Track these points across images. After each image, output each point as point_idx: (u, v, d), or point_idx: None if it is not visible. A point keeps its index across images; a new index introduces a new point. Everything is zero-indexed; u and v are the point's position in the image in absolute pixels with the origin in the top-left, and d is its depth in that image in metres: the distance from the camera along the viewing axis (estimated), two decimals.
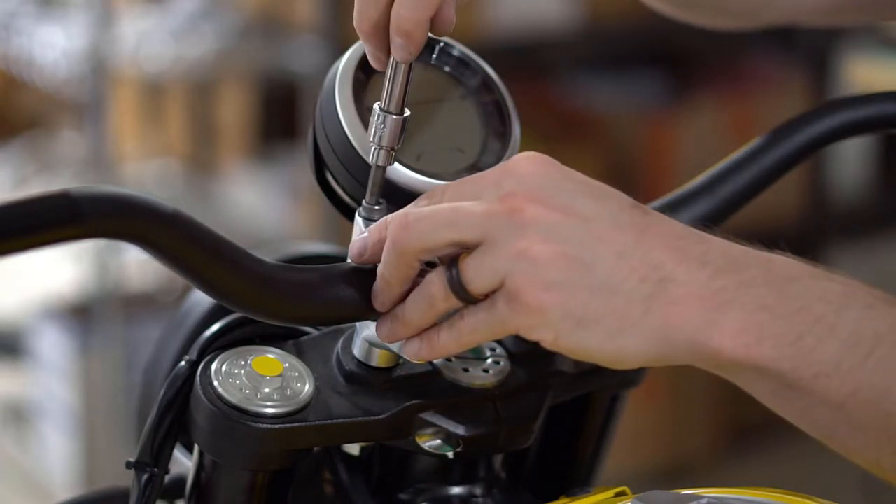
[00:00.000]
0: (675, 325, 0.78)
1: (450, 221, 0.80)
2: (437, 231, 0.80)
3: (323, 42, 3.00)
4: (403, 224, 0.81)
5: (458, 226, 0.80)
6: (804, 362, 0.78)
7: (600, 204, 0.80)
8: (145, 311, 3.17)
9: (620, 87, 3.41)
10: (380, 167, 0.87)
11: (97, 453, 3.10)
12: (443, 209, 0.80)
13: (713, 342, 0.78)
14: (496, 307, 0.80)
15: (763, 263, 0.80)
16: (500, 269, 0.79)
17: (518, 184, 0.80)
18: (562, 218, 0.79)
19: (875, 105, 0.98)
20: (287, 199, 3.36)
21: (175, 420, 0.88)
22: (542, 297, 0.78)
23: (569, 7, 3.26)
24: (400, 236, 0.81)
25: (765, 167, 0.98)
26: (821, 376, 0.78)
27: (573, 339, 0.79)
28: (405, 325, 0.84)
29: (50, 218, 0.76)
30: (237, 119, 3.78)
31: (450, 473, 0.94)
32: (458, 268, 0.80)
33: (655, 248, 0.79)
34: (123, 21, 3.22)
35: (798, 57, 3.51)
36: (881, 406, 0.78)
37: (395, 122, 0.86)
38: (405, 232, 0.81)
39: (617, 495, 0.89)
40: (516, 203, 0.79)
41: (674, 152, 3.32)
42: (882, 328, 0.78)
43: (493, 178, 0.81)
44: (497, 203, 0.79)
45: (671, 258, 0.79)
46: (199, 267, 0.81)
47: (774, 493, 0.84)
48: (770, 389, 0.80)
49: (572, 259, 0.78)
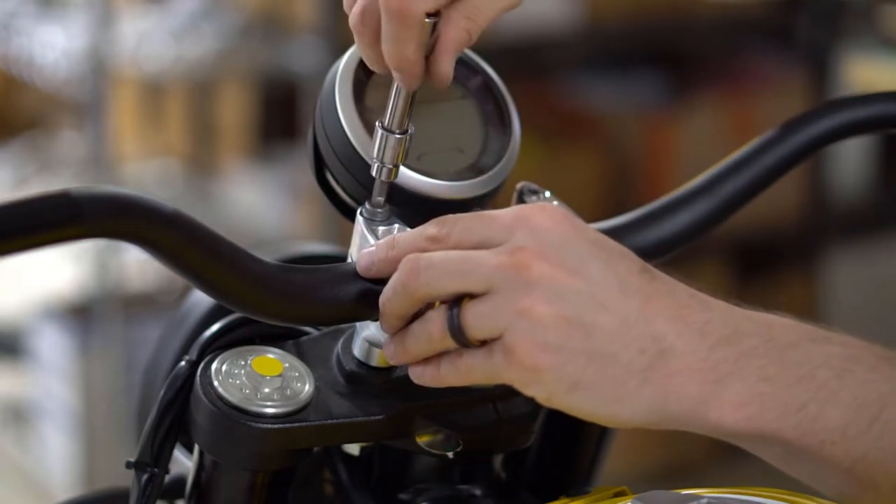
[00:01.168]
0: (673, 397, 0.78)
1: (459, 272, 0.80)
2: (446, 280, 0.80)
3: (323, 42, 3.00)
4: (415, 269, 0.81)
5: (466, 277, 0.80)
6: (809, 430, 0.77)
7: (609, 268, 0.79)
8: (145, 311, 3.17)
9: (620, 87, 3.41)
10: (383, 182, 0.87)
11: (97, 453, 3.10)
12: (453, 259, 0.80)
13: (713, 415, 0.78)
14: (493, 357, 0.80)
15: (763, 331, 0.80)
16: (500, 322, 0.79)
17: (530, 237, 0.79)
18: (568, 280, 0.78)
19: (875, 105, 0.98)
20: (287, 199, 3.36)
21: (175, 420, 0.88)
22: (538, 357, 0.78)
23: (569, 7, 3.26)
24: (409, 280, 0.81)
25: (765, 167, 0.98)
26: (827, 443, 0.77)
27: (566, 401, 0.79)
28: (406, 352, 0.84)
29: (50, 218, 0.76)
30: (237, 119, 3.78)
31: (450, 473, 0.94)
32: (460, 311, 0.80)
33: (658, 319, 0.79)
34: (123, 21, 3.22)
35: (798, 57, 3.51)
36: (891, 466, 0.77)
37: (398, 140, 0.86)
38: (415, 277, 0.81)
39: (617, 495, 0.89)
40: (525, 259, 0.79)
41: (674, 152, 3.31)
42: (886, 389, 0.78)
43: (506, 224, 0.81)
44: (506, 256, 0.79)
45: (672, 329, 0.78)
46: (199, 267, 0.81)
47: (774, 493, 0.84)
48: (777, 455, 0.79)
49: (573, 323, 0.78)
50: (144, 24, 3.33)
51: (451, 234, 0.82)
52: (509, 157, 0.91)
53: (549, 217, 0.81)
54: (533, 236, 0.79)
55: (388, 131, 0.86)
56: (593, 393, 0.78)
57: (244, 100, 3.76)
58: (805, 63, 3.48)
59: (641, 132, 3.36)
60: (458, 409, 0.89)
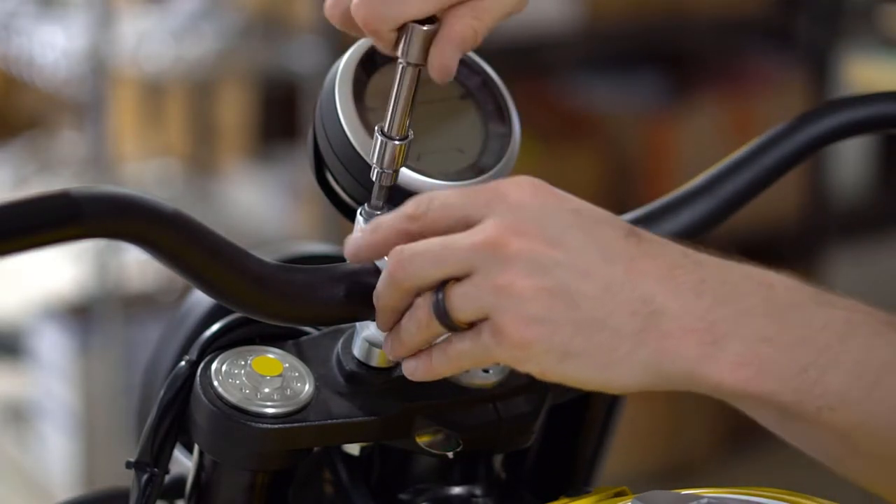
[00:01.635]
0: (669, 358, 0.77)
1: (440, 259, 0.80)
2: (429, 269, 0.80)
3: (323, 42, 3.00)
4: (399, 260, 0.81)
5: (447, 262, 0.79)
6: (808, 395, 0.76)
7: (590, 235, 0.79)
8: (145, 311, 3.17)
9: (620, 87, 3.41)
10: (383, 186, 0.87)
11: (97, 453, 3.10)
12: (434, 246, 0.80)
13: (712, 376, 0.77)
14: (481, 338, 0.80)
15: (763, 290, 0.78)
16: (483, 302, 0.79)
17: (507, 213, 0.79)
18: (547, 252, 0.78)
19: (875, 105, 0.98)
20: (287, 199, 3.36)
21: (175, 420, 0.88)
22: (524, 332, 0.78)
23: (569, 7, 3.26)
24: (395, 271, 0.81)
25: (765, 167, 0.98)
26: (825, 409, 0.76)
27: (559, 371, 0.79)
28: (402, 344, 0.83)
29: (50, 218, 0.76)
30: (237, 119, 3.78)
31: (450, 473, 0.94)
32: (444, 295, 0.80)
33: (646, 280, 0.78)
34: (123, 21, 3.22)
35: (798, 57, 3.51)
36: (890, 435, 0.76)
37: (398, 147, 0.86)
38: (401, 268, 0.81)
39: (617, 495, 0.89)
40: (502, 236, 0.78)
41: (674, 152, 3.32)
42: (889, 356, 0.76)
43: (483, 200, 0.80)
44: (483, 235, 0.79)
45: (663, 290, 0.77)
46: (199, 267, 0.81)
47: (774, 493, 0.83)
48: (773, 418, 0.78)
49: (555, 294, 0.77)
50: (144, 24, 3.33)
51: (428, 212, 0.81)
52: (509, 157, 0.91)
53: (525, 190, 0.80)
54: (510, 212, 0.79)
55: (388, 137, 0.86)
56: (585, 361, 0.78)
57: (244, 100, 3.76)
58: (805, 63, 3.48)
59: (641, 132, 3.36)
60: (458, 409, 0.89)
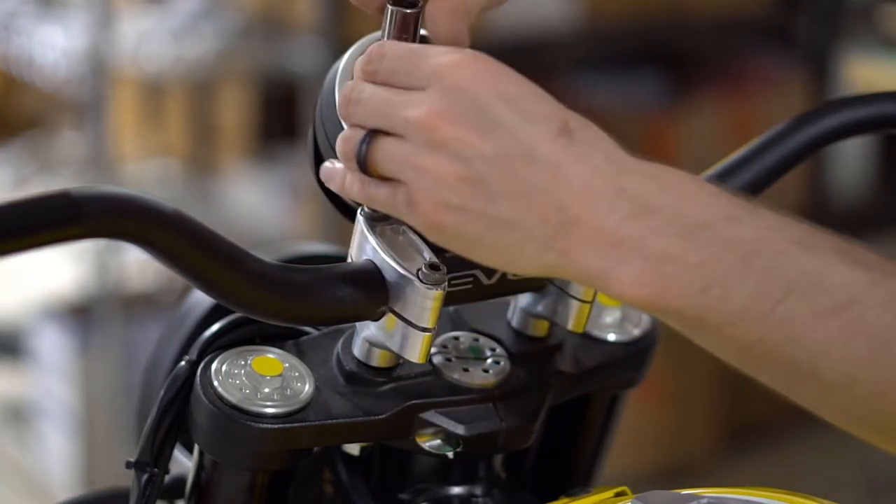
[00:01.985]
0: (574, 266, 0.79)
1: (379, 113, 0.82)
2: (368, 117, 0.83)
3: (323, 42, 3.00)
4: (346, 99, 0.84)
5: (384, 118, 0.82)
6: (709, 312, 0.78)
7: (520, 133, 0.80)
8: (145, 311, 3.17)
9: (620, 87, 3.41)
10: None
11: (97, 453, 3.10)
12: (378, 99, 0.82)
13: (613, 288, 0.79)
14: (396, 198, 0.82)
15: (678, 205, 0.79)
16: (402, 171, 0.81)
17: (443, 96, 0.80)
18: (475, 143, 0.79)
19: (875, 105, 0.98)
20: (287, 199, 3.36)
21: (175, 420, 0.88)
22: (440, 216, 0.80)
23: (569, 7, 3.26)
24: (342, 108, 0.85)
25: (765, 167, 0.98)
26: (726, 325, 0.78)
27: (466, 254, 0.82)
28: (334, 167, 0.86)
29: (50, 218, 0.76)
30: (237, 119, 3.78)
31: (450, 473, 0.94)
32: (369, 144, 0.82)
33: (565, 189, 0.79)
34: (123, 21, 3.22)
35: (798, 57, 3.51)
36: (787, 352, 0.77)
37: None
38: (347, 106, 0.84)
39: (617, 495, 0.89)
40: (434, 120, 0.80)
41: (674, 152, 3.32)
42: (792, 276, 0.77)
43: (426, 74, 0.81)
44: (417, 112, 0.80)
45: (578, 200, 0.79)
46: (199, 267, 0.81)
47: (774, 493, 0.84)
48: (680, 326, 0.80)
49: (476, 187, 0.79)
50: (144, 24, 3.33)
51: (378, 72, 0.84)
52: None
53: (465, 74, 0.81)
54: (445, 95, 0.80)
55: None
56: (493, 253, 0.81)
57: (244, 100, 3.76)
58: (805, 63, 3.49)
59: (641, 132, 3.36)
60: (458, 409, 0.89)
